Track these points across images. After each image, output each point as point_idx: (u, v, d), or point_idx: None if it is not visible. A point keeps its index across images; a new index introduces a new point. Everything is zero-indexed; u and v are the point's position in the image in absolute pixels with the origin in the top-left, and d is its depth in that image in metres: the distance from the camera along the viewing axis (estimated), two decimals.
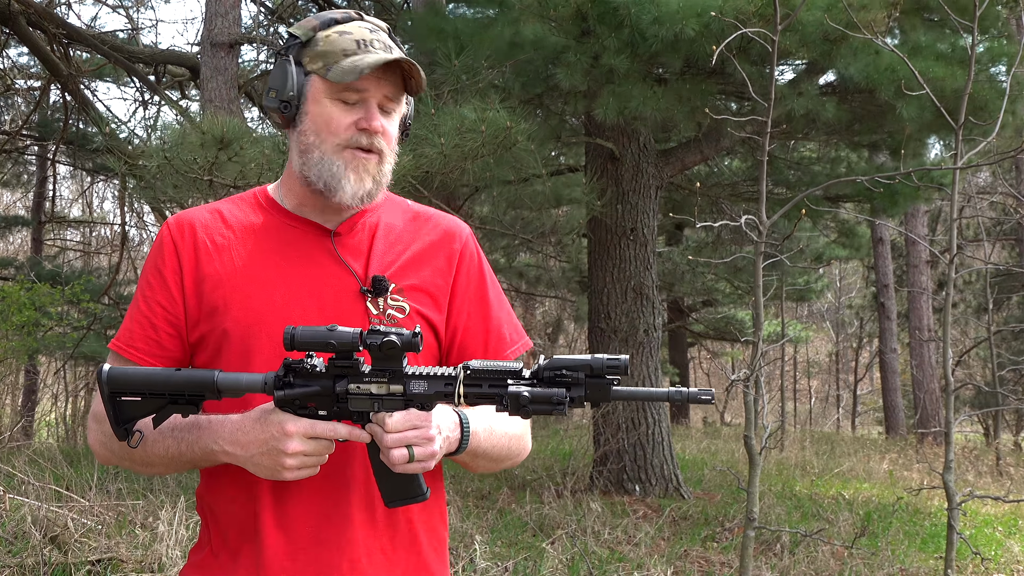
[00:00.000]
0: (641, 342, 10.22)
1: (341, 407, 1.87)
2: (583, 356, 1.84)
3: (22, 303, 10.72)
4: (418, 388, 1.87)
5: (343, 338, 1.81)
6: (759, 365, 5.30)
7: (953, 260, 5.48)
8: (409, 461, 1.82)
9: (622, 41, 7.89)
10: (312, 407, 1.87)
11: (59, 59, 11.58)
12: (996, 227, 22.24)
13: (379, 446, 1.85)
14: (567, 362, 1.84)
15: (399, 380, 1.86)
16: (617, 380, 1.84)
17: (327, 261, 2.07)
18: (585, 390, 1.83)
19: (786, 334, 18.12)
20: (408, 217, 2.21)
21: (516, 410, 1.83)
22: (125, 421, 1.89)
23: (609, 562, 7.00)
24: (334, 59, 2.01)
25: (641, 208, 10.32)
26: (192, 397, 1.87)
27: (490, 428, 2.03)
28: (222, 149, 6.11)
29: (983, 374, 23.07)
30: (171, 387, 1.87)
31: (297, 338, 1.81)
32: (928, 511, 10.23)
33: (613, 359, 1.82)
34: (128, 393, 1.87)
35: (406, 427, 1.82)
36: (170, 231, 2.09)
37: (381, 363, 1.86)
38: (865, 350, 32.08)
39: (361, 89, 2.02)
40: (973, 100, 7.34)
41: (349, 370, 1.86)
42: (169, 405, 1.88)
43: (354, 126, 2.02)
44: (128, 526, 6.39)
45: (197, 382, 1.87)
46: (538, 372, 1.85)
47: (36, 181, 19.01)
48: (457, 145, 6.74)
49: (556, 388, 1.83)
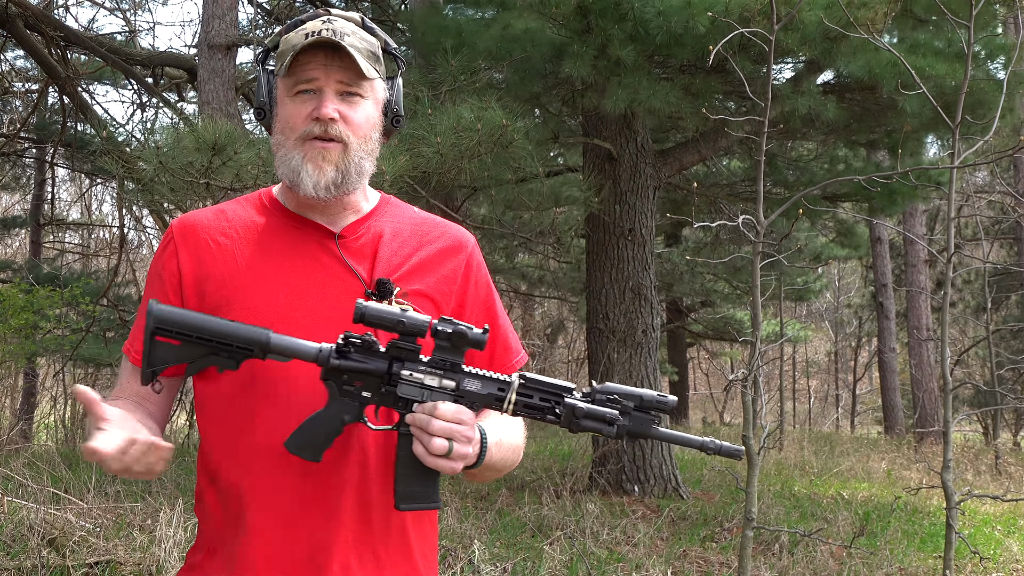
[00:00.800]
0: (639, 342, 10.22)
1: (388, 390, 1.89)
2: (635, 388, 1.90)
3: (20, 306, 10.71)
4: (471, 387, 1.90)
5: (414, 321, 1.85)
6: (757, 365, 5.30)
7: (951, 259, 5.48)
8: (447, 455, 1.82)
9: (626, 34, 7.90)
10: (359, 386, 1.88)
11: (57, 62, 11.59)
12: (994, 226, 22.26)
13: (418, 435, 1.84)
14: (620, 390, 1.90)
15: (455, 375, 1.89)
16: (659, 419, 1.91)
17: (332, 263, 2.07)
18: (630, 421, 1.89)
19: (785, 334, 18.12)
20: (414, 223, 2.21)
21: (569, 423, 1.87)
22: (155, 364, 1.86)
23: (608, 562, 6.99)
24: (285, 56, 2.02)
25: (639, 208, 10.31)
26: (239, 350, 1.86)
27: (500, 441, 2.03)
28: (216, 154, 6.10)
29: (982, 373, 23.07)
30: (221, 336, 1.85)
31: (367, 313, 1.83)
32: (927, 510, 10.23)
33: (663, 397, 1.90)
34: (173, 334, 1.84)
35: (455, 419, 1.83)
36: (173, 233, 2.10)
37: (442, 353, 1.88)
38: (864, 350, 32.09)
39: (311, 79, 2.02)
40: (971, 96, 7.35)
41: (409, 354, 1.88)
42: (209, 355, 1.86)
43: (309, 117, 2.02)
44: (126, 529, 6.38)
45: (249, 336, 1.85)
46: (592, 393, 1.90)
47: (34, 183, 19.00)
48: (454, 144, 6.74)
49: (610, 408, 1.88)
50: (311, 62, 2.01)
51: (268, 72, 2.12)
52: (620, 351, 10.19)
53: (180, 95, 15.18)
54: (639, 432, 1.90)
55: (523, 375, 1.91)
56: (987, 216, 22.19)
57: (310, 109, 2.02)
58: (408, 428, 1.87)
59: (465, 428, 1.84)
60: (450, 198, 9.75)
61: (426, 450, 1.83)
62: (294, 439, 1.89)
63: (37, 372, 16.43)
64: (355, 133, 2.05)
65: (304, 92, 2.03)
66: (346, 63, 2.02)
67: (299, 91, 2.03)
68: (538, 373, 1.90)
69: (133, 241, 20.77)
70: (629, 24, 7.84)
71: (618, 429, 1.88)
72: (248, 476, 1.97)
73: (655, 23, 7.64)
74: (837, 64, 8.48)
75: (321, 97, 2.02)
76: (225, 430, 2.01)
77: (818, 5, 7.38)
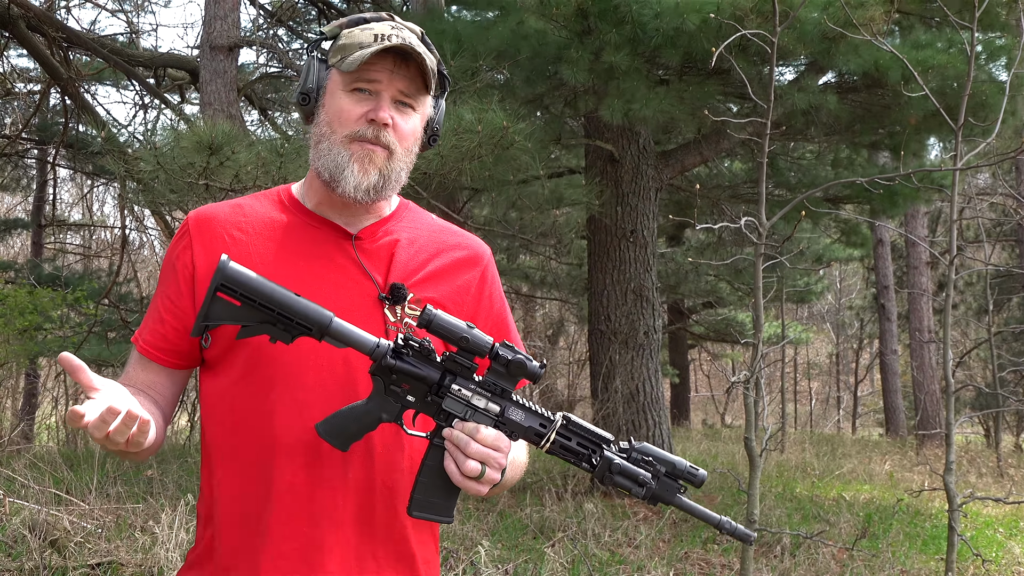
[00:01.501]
0: (641, 344, 10.21)
1: (434, 400, 1.89)
2: (669, 455, 1.92)
3: (24, 307, 10.71)
4: (515, 416, 1.90)
5: (478, 339, 1.85)
6: (759, 367, 5.29)
7: (953, 261, 5.48)
8: (477, 477, 1.83)
9: (623, 37, 7.90)
10: (405, 388, 1.88)
11: (59, 63, 11.59)
12: (996, 228, 22.25)
13: (453, 452, 1.85)
14: (656, 453, 1.91)
15: (501, 401, 1.89)
16: (684, 488, 1.92)
17: (348, 265, 2.07)
18: (657, 485, 1.90)
19: (786, 336, 18.12)
20: (433, 231, 2.22)
21: (602, 476, 1.89)
22: (212, 319, 1.85)
23: (610, 564, 6.99)
24: (351, 51, 2.02)
25: (641, 210, 10.31)
26: (297, 325, 1.84)
27: (513, 461, 2.03)
28: (213, 153, 6.09)
29: (984, 375, 23.06)
30: (284, 308, 1.84)
31: (435, 321, 1.84)
32: (929, 513, 10.22)
33: (694, 470, 1.92)
34: (237, 294, 1.83)
35: (494, 445, 1.84)
36: (189, 225, 2.10)
37: (495, 376, 1.88)
38: (865, 351, 32.08)
39: (373, 80, 2.02)
40: (974, 98, 7.34)
41: (463, 371, 1.88)
42: (266, 324, 1.85)
43: (364, 117, 2.02)
44: (128, 530, 6.38)
45: (311, 314, 1.84)
46: (629, 451, 1.92)
47: (36, 184, 19.00)
48: (455, 146, 6.74)
49: (644, 470, 1.90)
50: (379, 63, 2.01)
51: (320, 60, 2.10)
52: (622, 353, 10.19)
53: (182, 96, 15.17)
54: (663, 498, 1.91)
55: (567, 416, 1.92)
56: (989, 218, 22.17)
57: (366, 109, 2.02)
58: (442, 440, 1.88)
59: (500, 456, 1.85)
60: (452, 200, 9.75)
61: (458, 469, 1.84)
62: (327, 424, 1.89)
63: (39, 373, 16.42)
64: (401, 143, 2.06)
65: (361, 91, 2.03)
66: (411, 74, 2.03)
67: (356, 88, 2.03)
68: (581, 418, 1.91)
69: (135, 242, 20.78)
70: (627, 27, 7.84)
71: (646, 491, 1.89)
72: (249, 474, 1.96)
73: (652, 25, 7.64)
74: (837, 63, 8.47)
75: (379, 100, 2.02)
76: (229, 427, 2.01)
77: (815, 5, 7.37)
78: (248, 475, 1.97)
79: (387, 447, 1.99)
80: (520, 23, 8.31)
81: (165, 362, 2.07)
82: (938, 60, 7.83)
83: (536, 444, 1.91)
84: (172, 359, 2.06)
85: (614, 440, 1.92)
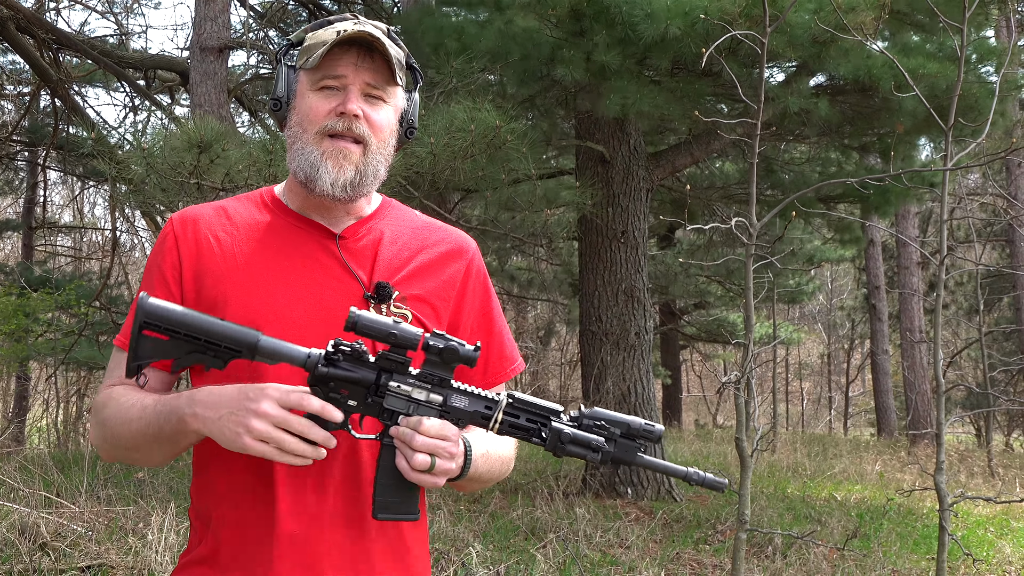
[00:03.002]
0: (632, 345, 10.21)
1: (375, 401, 1.86)
2: (622, 415, 1.89)
3: (13, 310, 10.69)
4: (458, 403, 1.88)
5: (406, 333, 1.82)
6: (750, 367, 5.30)
7: (944, 261, 5.48)
8: (428, 470, 1.81)
9: (614, 38, 7.92)
10: (344, 394, 1.85)
11: (49, 64, 11.57)
12: (986, 228, 22.31)
13: (401, 449, 1.83)
14: (608, 416, 1.89)
15: (442, 391, 1.87)
16: (644, 446, 1.91)
17: (332, 264, 2.06)
18: (615, 447, 1.89)
19: (778, 336, 18.15)
20: (416, 227, 2.21)
21: (554, 447, 1.87)
22: (142, 358, 1.83)
23: (601, 565, 6.99)
24: (315, 50, 2.01)
25: (632, 211, 10.31)
26: (226, 350, 1.83)
27: (487, 453, 2.02)
28: (203, 152, 6.09)
29: (974, 375, 23.14)
30: (209, 334, 1.82)
31: (359, 322, 1.81)
32: (920, 512, 10.24)
33: (649, 426, 1.89)
34: (161, 329, 1.81)
35: (439, 436, 1.82)
36: (173, 226, 2.09)
37: (431, 368, 1.87)
38: (856, 352, 32.14)
39: (339, 75, 2.01)
40: (964, 99, 7.36)
41: (398, 366, 1.86)
42: (195, 353, 1.83)
43: (333, 112, 2.01)
44: (118, 532, 6.37)
45: (237, 338, 1.82)
46: (579, 418, 1.90)
47: (26, 187, 18.97)
48: (447, 145, 6.74)
49: (596, 435, 1.88)
50: (342, 58, 2.01)
51: (289, 66, 2.10)
52: (613, 353, 10.19)
53: (172, 98, 15.16)
54: (623, 459, 1.89)
55: (511, 395, 1.90)
56: (979, 218, 22.24)
57: (334, 104, 2.01)
58: (391, 439, 1.86)
59: (449, 444, 1.83)
60: (443, 200, 9.75)
61: (408, 464, 1.82)
62: None
63: (29, 376, 16.40)
64: (376, 135, 2.05)
65: (328, 88, 2.02)
66: (377, 65, 2.02)
67: (324, 86, 2.02)
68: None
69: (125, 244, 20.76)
70: (619, 28, 7.86)
71: (603, 455, 1.87)
72: (239, 478, 1.95)
73: (643, 26, 7.65)
74: (827, 67, 8.49)
75: (347, 94, 2.01)
76: None
77: (805, 8, 7.38)
78: (235, 478, 1.96)
79: (372, 448, 1.98)
80: (509, 23, 8.31)
81: (155, 364, 2.05)
82: (929, 68, 7.84)
83: (485, 427, 1.88)
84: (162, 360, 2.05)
85: (564, 411, 1.90)
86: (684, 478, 1.91)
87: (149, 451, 2.00)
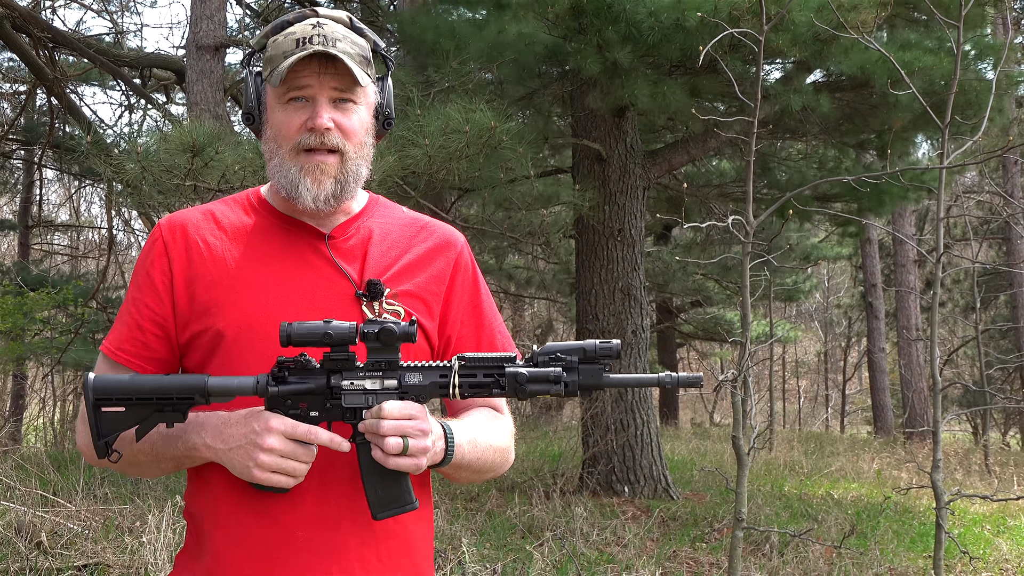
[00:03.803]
0: (629, 343, 10.21)
1: (334, 404, 1.87)
2: (576, 342, 1.89)
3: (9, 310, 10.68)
4: (413, 380, 1.89)
5: (340, 330, 1.83)
6: (747, 365, 5.30)
7: (940, 259, 5.49)
8: (403, 452, 1.81)
9: (617, 36, 7.91)
10: (304, 407, 1.86)
11: (44, 63, 11.55)
12: (983, 226, 22.33)
13: (373, 440, 1.84)
14: (561, 347, 1.89)
15: (394, 373, 1.87)
16: (608, 366, 1.88)
17: (322, 264, 2.06)
18: (578, 375, 1.87)
19: (774, 334, 18.14)
20: (404, 223, 2.20)
21: (514, 391, 1.87)
22: (106, 434, 1.85)
23: (598, 563, 6.99)
24: (276, 63, 1.99)
25: (628, 209, 10.31)
26: (180, 402, 1.83)
27: (474, 440, 2.01)
28: (197, 154, 6.08)
29: (971, 373, 23.15)
30: (160, 392, 1.83)
31: (293, 333, 1.82)
32: (917, 510, 10.25)
33: (605, 343, 1.88)
34: (114, 401, 1.83)
35: (403, 415, 1.82)
36: (161, 232, 2.08)
37: (376, 355, 1.87)
38: (853, 350, 32.13)
39: (304, 87, 2.00)
40: (961, 95, 7.37)
41: (344, 364, 1.86)
42: (155, 414, 1.84)
43: (303, 127, 2.00)
44: (115, 531, 6.37)
45: (186, 386, 1.83)
46: (533, 357, 1.90)
47: (22, 186, 18.95)
48: (442, 146, 6.73)
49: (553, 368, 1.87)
50: (304, 70, 1.98)
51: (256, 76, 2.09)
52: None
53: (168, 96, 15.15)
54: (591, 384, 1.88)
55: (461, 356, 1.90)
56: (976, 216, 22.26)
57: (304, 119, 2.00)
58: (363, 437, 1.86)
59: (416, 422, 1.83)
60: (440, 199, 9.74)
61: (383, 451, 1.82)
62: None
63: (26, 375, 16.38)
64: (350, 141, 2.03)
65: (296, 100, 2.01)
66: (340, 71, 1.99)
67: (291, 98, 2.01)
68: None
69: (122, 243, 20.72)
70: (622, 25, 7.85)
71: (567, 386, 1.87)
72: (240, 484, 1.94)
73: (647, 23, 7.65)
74: (827, 64, 8.49)
75: (315, 106, 2.00)
76: None
77: (808, 7, 7.38)
78: (235, 487, 1.95)
79: (364, 445, 1.98)
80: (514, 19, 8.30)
81: (145, 370, 2.04)
82: (925, 61, 7.85)
83: (447, 395, 1.89)
84: (152, 367, 2.04)
85: (518, 355, 1.91)
86: (657, 384, 1.90)
87: (148, 468, 2.03)
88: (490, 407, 2.17)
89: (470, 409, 2.13)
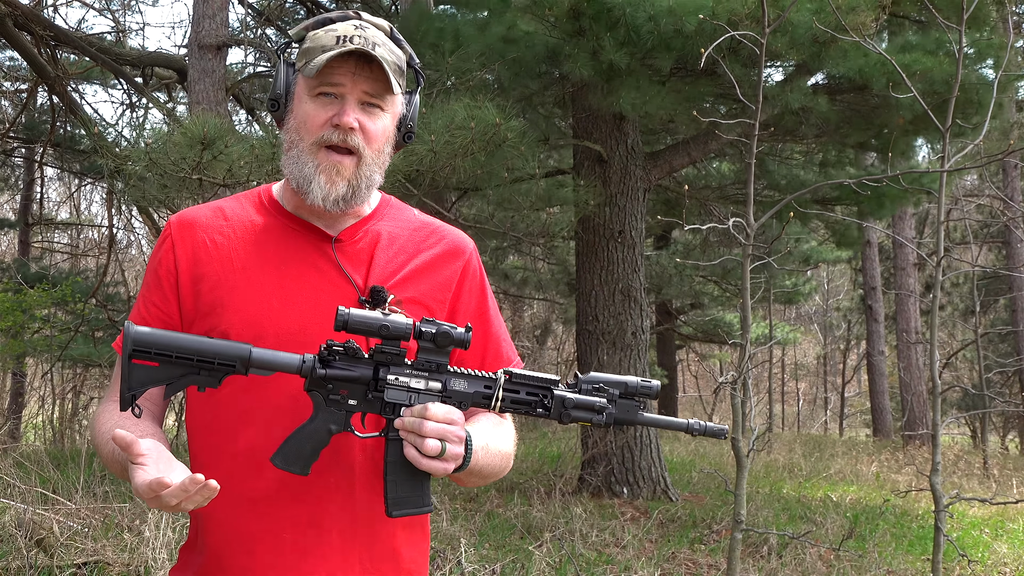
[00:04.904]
0: (629, 344, 10.22)
1: (375, 396, 1.87)
2: (618, 376, 1.93)
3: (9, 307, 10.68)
4: (458, 386, 1.90)
5: (397, 324, 1.84)
6: (747, 368, 5.30)
7: (940, 263, 5.49)
8: (439, 455, 1.81)
9: (617, 40, 7.91)
10: (344, 395, 1.87)
11: (46, 61, 11.54)
12: (983, 230, 22.33)
13: (409, 439, 1.83)
14: (604, 378, 1.93)
15: (440, 376, 1.89)
16: (644, 404, 1.94)
17: (327, 268, 2.06)
18: (615, 409, 1.92)
19: (774, 336, 18.16)
20: (413, 227, 2.20)
21: (559, 415, 1.89)
22: (136, 388, 1.82)
23: (597, 564, 7.00)
24: (314, 55, 2.00)
25: (629, 210, 10.32)
26: (220, 367, 1.82)
27: (487, 446, 2.01)
28: (206, 148, 6.07)
29: (970, 376, 23.16)
30: (201, 353, 1.81)
31: (351, 321, 1.82)
32: (915, 513, 10.25)
33: (646, 383, 1.94)
34: (152, 355, 1.80)
35: (446, 419, 1.83)
36: (171, 230, 2.09)
37: (427, 355, 1.88)
38: (853, 352, 32.15)
39: (337, 84, 2.00)
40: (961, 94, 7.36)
41: (394, 359, 1.87)
42: (188, 375, 1.82)
43: (329, 122, 2.00)
44: (114, 529, 6.37)
45: (230, 352, 1.82)
46: (577, 383, 1.93)
47: (23, 183, 18.94)
48: (447, 142, 6.74)
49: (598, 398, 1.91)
50: (340, 67, 1.99)
51: (288, 65, 2.09)
52: (610, 353, 10.19)
53: (170, 95, 15.13)
54: (626, 419, 1.92)
55: (508, 371, 1.92)
56: (976, 219, 22.25)
57: (330, 114, 2.00)
58: (396, 433, 1.86)
59: (457, 428, 1.84)
60: (441, 198, 9.74)
61: (419, 452, 1.82)
62: (281, 454, 1.87)
63: (25, 372, 16.38)
64: (370, 145, 2.03)
65: (326, 95, 2.01)
66: (375, 75, 2.00)
67: (321, 92, 2.01)
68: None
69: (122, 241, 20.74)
70: (621, 29, 7.85)
71: (606, 417, 1.90)
72: (233, 483, 1.95)
73: (646, 28, 7.65)
74: (826, 67, 8.49)
75: (344, 104, 2.00)
76: (212, 435, 2.01)
77: (807, 9, 7.39)
78: (229, 484, 1.94)
79: (366, 451, 1.99)
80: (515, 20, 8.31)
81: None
82: (924, 64, 7.85)
83: (487, 407, 1.90)
84: None
85: (560, 379, 1.92)
86: (686, 430, 1.97)
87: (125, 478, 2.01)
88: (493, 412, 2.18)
89: (476, 414, 2.12)
